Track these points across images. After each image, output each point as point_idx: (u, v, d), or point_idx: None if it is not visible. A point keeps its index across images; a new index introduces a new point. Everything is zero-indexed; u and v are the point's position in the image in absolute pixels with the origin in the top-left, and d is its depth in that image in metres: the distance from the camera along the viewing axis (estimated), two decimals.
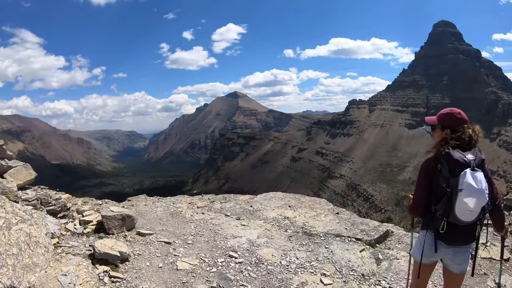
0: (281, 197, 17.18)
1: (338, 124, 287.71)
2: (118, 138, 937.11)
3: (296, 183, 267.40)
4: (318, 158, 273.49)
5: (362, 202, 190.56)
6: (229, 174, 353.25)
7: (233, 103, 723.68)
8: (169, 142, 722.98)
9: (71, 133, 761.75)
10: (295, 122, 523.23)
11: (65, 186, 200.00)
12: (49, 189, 13.43)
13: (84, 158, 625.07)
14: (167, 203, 16.21)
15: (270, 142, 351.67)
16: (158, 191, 74.44)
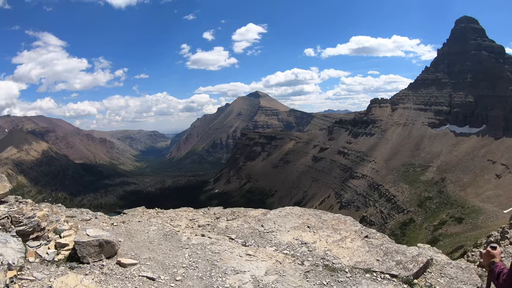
0: (299, 214, 16.15)
1: (360, 123, 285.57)
2: (140, 138, 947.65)
3: (318, 183, 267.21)
4: (340, 158, 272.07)
5: (384, 203, 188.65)
6: (250, 174, 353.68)
7: (255, 103, 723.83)
8: (191, 142, 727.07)
9: (94, 133, 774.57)
10: (317, 122, 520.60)
11: (88, 185, 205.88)
12: (26, 203, 12.12)
13: (107, 158, 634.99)
14: (163, 220, 15.97)
15: (292, 142, 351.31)
16: (179, 190, 77.07)
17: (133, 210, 19.31)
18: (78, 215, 17.28)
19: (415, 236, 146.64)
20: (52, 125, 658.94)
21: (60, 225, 12.48)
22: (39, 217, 10.97)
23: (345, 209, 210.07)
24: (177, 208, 20.76)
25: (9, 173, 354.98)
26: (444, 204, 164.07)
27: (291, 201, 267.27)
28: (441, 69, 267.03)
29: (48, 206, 16.01)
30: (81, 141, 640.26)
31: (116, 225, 14.79)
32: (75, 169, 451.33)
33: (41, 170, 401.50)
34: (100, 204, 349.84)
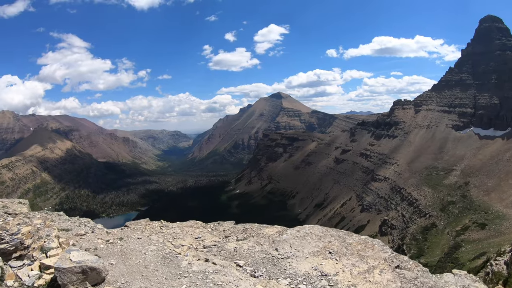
0: (320, 235, 14.58)
1: (382, 125, 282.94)
2: (163, 138, 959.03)
3: (339, 185, 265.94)
4: (362, 160, 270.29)
5: (406, 206, 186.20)
6: (272, 175, 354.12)
7: (277, 104, 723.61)
8: (213, 142, 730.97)
9: (117, 133, 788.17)
10: (339, 123, 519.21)
11: (111, 183, 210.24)
12: (15, 216, 11.51)
13: (129, 157, 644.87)
14: (165, 238, 14.87)
15: (314, 143, 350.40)
16: (201, 190, 78.92)
17: (135, 223, 18.76)
18: (74, 228, 17.03)
19: (437, 242, 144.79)
20: (76, 124, 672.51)
21: (49, 241, 11.83)
22: (24, 233, 10.40)
23: (366, 212, 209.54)
24: (186, 221, 19.99)
25: (33, 170, 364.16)
26: (467, 209, 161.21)
27: (312, 202, 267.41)
28: (465, 70, 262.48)
29: (43, 217, 14.94)
30: (105, 140, 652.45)
31: (112, 243, 13.90)
32: (98, 167, 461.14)
33: (64, 168, 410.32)
34: (122, 202, 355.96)
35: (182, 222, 19.79)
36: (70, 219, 20.10)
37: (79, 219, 20.22)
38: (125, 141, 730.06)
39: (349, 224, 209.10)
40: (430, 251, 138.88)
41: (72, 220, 19.72)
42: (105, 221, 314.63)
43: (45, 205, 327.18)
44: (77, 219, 20.22)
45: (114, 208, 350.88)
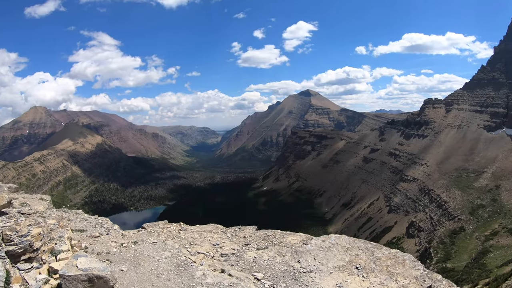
0: (346, 247, 13.69)
1: (412, 125, 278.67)
2: (191, 134, 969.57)
3: (367, 184, 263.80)
4: (390, 160, 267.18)
5: (435, 209, 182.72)
6: (299, 173, 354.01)
7: (306, 101, 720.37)
8: (241, 139, 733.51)
9: (147, 128, 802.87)
10: (368, 122, 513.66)
11: (139, 177, 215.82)
12: (28, 216, 11.27)
13: (158, 152, 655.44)
14: (182, 244, 14.37)
15: (342, 142, 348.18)
16: (228, 186, 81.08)
17: (153, 225, 18.22)
18: (89, 229, 16.73)
19: (465, 246, 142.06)
20: (106, 120, 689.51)
21: (60, 244, 11.61)
22: (34, 235, 10.13)
23: (393, 213, 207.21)
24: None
25: (64, 163, 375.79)
26: (497, 213, 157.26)
27: (339, 202, 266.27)
28: (498, 68, 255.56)
29: (58, 217, 15.23)
30: (134, 136, 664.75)
31: (126, 247, 13.58)
32: (127, 162, 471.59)
33: (94, 162, 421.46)
34: (150, 196, 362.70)
35: (202, 225, 18.82)
36: (87, 218, 19.81)
37: (96, 219, 19.89)
38: (154, 136, 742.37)
39: (376, 224, 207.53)
40: (457, 256, 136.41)
41: (89, 219, 19.39)
42: (133, 215, 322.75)
43: (75, 198, 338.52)
44: (94, 219, 19.94)
45: (142, 202, 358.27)
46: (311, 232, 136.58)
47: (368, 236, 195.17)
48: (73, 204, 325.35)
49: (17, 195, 23.16)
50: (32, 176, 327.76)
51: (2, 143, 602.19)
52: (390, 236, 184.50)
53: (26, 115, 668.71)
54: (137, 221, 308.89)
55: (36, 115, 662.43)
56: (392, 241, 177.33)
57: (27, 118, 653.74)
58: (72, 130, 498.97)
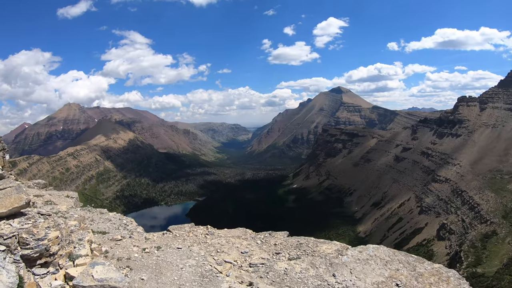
0: (386, 260, 12.69)
1: (445, 123, 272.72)
2: (222, 131, 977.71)
3: (398, 184, 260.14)
4: (423, 159, 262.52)
5: (467, 211, 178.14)
6: (330, 171, 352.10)
7: (337, 99, 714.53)
8: (272, 136, 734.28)
9: (178, 125, 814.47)
10: (400, 120, 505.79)
11: (170, 173, 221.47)
12: (47, 218, 10.74)
13: (189, 148, 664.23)
14: (208, 250, 13.84)
15: (374, 140, 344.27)
16: (258, 183, 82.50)
17: (179, 228, 17.76)
18: (112, 231, 16.18)
19: (496, 251, 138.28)
20: (138, 116, 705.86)
21: (79, 247, 11.43)
22: (51, 239, 9.87)
23: (424, 214, 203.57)
24: (234, 225, 18.39)
25: (97, 158, 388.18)
26: None
27: (369, 201, 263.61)
28: None
29: (80, 218, 15.12)
30: (166, 132, 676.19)
31: (148, 252, 13.17)
32: (158, 158, 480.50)
33: (126, 157, 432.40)
34: (181, 192, 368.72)
35: (230, 229, 18.52)
36: (111, 218, 19.38)
37: (121, 219, 19.48)
38: (185, 133, 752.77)
39: (406, 225, 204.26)
40: (488, 261, 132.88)
41: (113, 220, 18.91)
42: (163, 209, 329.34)
43: (107, 192, 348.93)
44: (118, 219, 19.47)
45: (172, 197, 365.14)
46: (340, 232, 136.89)
47: (397, 237, 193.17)
48: (105, 198, 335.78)
49: (44, 191, 25.19)
50: (66, 170, 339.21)
51: (37, 138, 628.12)
52: (420, 238, 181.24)
53: (60, 111, 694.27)
54: (167, 216, 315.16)
55: (70, 111, 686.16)
56: (422, 243, 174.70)
57: (61, 115, 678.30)
58: (105, 126, 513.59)
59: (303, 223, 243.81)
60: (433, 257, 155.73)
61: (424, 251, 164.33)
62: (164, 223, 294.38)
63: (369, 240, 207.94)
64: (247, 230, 18.09)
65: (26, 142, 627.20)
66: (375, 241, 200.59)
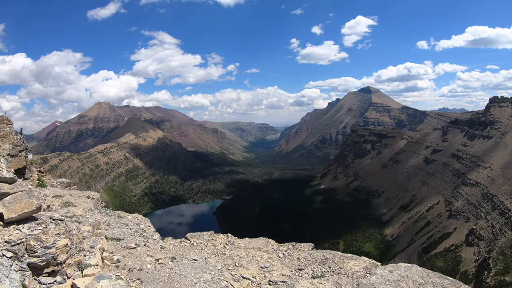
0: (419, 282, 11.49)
1: (477, 125, 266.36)
2: (250, 130, 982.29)
3: (427, 187, 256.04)
4: (453, 161, 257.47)
5: (497, 216, 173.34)
6: (358, 172, 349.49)
7: (366, 99, 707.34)
8: (300, 136, 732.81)
9: (207, 124, 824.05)
10: (430, 120, 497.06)
11: (198, 171, 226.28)
12: (58, 224, 10.45)
13: (217, 147, 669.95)
14: (226, 264, 13.25)
15: (403, 141, 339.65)
16: (286, 183, 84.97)
17: (197, 236, 17.27)
18: (126, 237, 15.54)
19: None
20: (167, 115, 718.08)
21: (89, 256, 11.07)
22: (59, 247, 9.59)
23: (453, 219, 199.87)
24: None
25: (126, 156, 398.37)
26: None
27: (397, 204, 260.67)
28: None
29: (95, 223, 15.00)
30: (194, 131, 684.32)
31: (162, 263, 12.58)
32: (187, 156, 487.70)
33: (155, 155, 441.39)
34: (208, 190, 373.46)
35: (252, 239, 17.60)
36: (128, 222, 18.59)
37: (138, 224, 18.59)
38: (214, 132, 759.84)
39: (434, 230, 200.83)
40: None
41: (130, 225, 18.10)
42: (190, 207, 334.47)
43: (135, 189, 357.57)
44: (136, 224, 18.68)
45: (200, 195, 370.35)
46: (367, 234, 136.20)
47: (425, 242, 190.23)
48: (133, 195, 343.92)
49: (66, 191, 25.30)
50: (96, 167, 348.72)
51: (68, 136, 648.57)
52: (448, 243, 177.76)
53: (91, 110, 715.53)
54: (194, 213, 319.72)
55: (100, 110, 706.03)
56: (450, 249, 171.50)
57: (92, 113, 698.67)
58: (135, 125, 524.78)
59: (330, 224, 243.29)
60: (461, 263, 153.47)
61: (452, 257, 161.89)
62: (190, 220, 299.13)
63: (396, 243, 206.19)
64: (269, 240, 17.02)
65: (57, 140, 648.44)
66: (402, 245, 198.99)
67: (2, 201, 9.67)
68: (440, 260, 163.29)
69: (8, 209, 9.64)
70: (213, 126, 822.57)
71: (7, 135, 17.62)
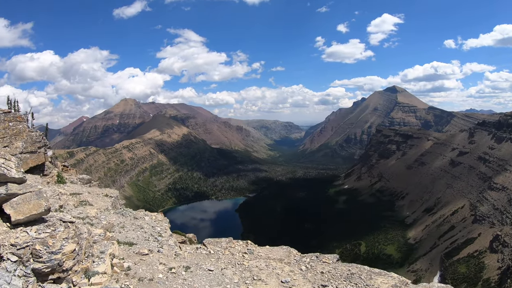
0: None
1: (505, 127, 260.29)
2: (275, 128, 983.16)
3: (452, 190, 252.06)
4: (479, 165, 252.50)
5: None
6: (382, 173, 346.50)
7: (391, 98, 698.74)
8: (325, 135, 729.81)
9: (231, 121, 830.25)
10: (457, 122, 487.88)
11: (222, 168, 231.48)
12: (68, 227, 10.05)
13: (242, 145, 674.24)
14: (244, 276, 12.50)
15: (429, 142, 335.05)
16: (309, 182, 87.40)
17: (215, 242, 16.55)
18: (140, 242, 14.77)
19: None
20: (192, 112, 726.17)
21: (98, 262, 10.56)
22: (65, 253, 9.17)
23: (478, 224, 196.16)
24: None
25: (151, 152, 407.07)
26: None
27: (421, 206, 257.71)
28: None
29: (108, 225, 14.73)
30: (219, 128, 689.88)
31: (174, 273, 11.92)
32: (211, 153, 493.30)
33: (180, 151, 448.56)
34: (232, 187, 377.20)
35: (273, 247, 16.65)
36: (144, 225, 17.53)
37: (154, 227, 17.50)
38: (238, 129, 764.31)
39: (458, 234, 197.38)
40: None
41: (146, 227, 17.09)
42: (213, 203, 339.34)
43: (159, 184, 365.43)
44: (152, 226, 17.58)
45: (223, 192, 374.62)
46: (390, 237, 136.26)
47: (448, 247, 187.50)
48: (157, 190, 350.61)
49: (86, 188, 25.18)
50: (121, 162, 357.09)
51: (94, 131, 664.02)
52: (472, 249, 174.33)
53: (117, 106, 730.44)
54: (217, 210, 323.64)
55: (126, 106, 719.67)
56: (473, 255, 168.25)
57: (118, 109, 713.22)
58: (160, 121, 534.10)
59: (352, 225, 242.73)
60: (484, 270, 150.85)
61: (475, 263, 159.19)
62: (213, 217, 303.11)
63: (419, 247, 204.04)
64: (291, 250, 15.93)
65: (84, 134, 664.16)
66: (425, 249, 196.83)
67: (10, 202, 9.43)
68: (463, 266, 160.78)
69: (16, 211, 9.40)
70: (237, 124, 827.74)
71: (20, 133, 17.65)
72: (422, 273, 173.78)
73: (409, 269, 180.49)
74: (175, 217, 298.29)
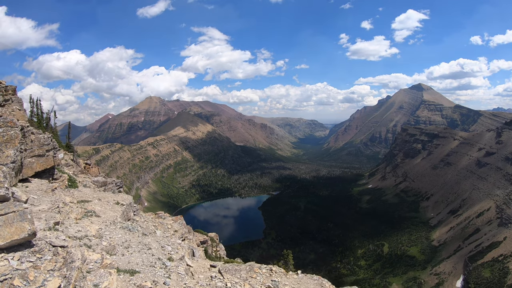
0: None
1: None
2: (299, 126, 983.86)
3: (478, 191, 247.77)
4: (507, 166, 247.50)
5: None
6: (407, 173, 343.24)
7: (417, 96, 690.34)
8: (349, 134, 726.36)
9: (256, 119, 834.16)
10: (484, 121, 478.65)
11: (246, 165, 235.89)
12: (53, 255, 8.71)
13: (266, 142, 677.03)
14: None
15: (455, 142, 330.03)
16: (333, 180, 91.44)
17: (234, 270, 14.28)
18: (145, 269, 12.60)
19: None
20: (216, 110, 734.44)
21: None
22: None
23: (504, 227, 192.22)
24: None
25: (176, 149, 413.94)
26: None
27: (446, 208, 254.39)
28: None
29: (109, 247, 13.17)
30: (243, 126, 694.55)
31: None
32: (235, 150, 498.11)
33: (204, 149, 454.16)
34: (255, 184, 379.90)
35: (302, 276, 14.40)
36: (152, 244, 15.32)
37: (164, 247, 15.35)
38: (262, 127, 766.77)
39: (483, 238, 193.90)
40: None
41: (155, 247, 14.94)
42: (237, 200, 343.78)
43: (183, 181, 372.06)
44: (161, 246, 15.39)
45: (247, 189, 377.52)
46: (413, 238, 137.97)
47: (472, 250, 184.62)
48: (181, 187, 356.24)
49: (97, 193, 23.66)
50: (145, 159, 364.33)
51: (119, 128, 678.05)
52: (497, 253, 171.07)
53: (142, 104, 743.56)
54: (240, 207, 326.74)
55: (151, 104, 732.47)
56: (498, 259, 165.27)
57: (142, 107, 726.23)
58: (184, 119, 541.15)
59: (376, 225, 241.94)
60: (508, 275, 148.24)
61: (499, 268, 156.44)
62: (236, 214, 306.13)
63: (442, 249, 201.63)
64: (324, 282, 13.61)
65: (109, 131, 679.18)
66: (449, 251, 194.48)
67: None
68: (487, 271, 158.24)
69: None
70: (261, 122, 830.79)
71: (11, 140, 15.33)
72: (445, 276, 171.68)
73: (432, 272, 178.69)
74: (199, 213, 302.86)
